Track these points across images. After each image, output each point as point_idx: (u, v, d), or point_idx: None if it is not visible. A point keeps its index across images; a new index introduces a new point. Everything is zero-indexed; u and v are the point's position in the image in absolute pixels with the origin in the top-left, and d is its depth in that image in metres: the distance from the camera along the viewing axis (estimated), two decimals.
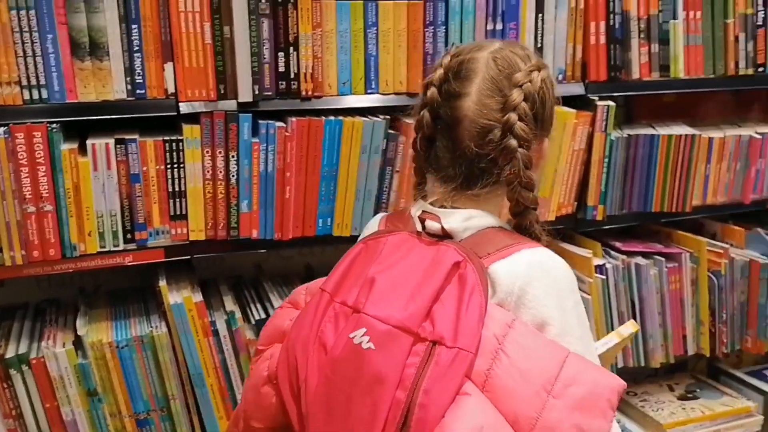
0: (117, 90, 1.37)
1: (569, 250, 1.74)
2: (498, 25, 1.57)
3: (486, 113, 0.98)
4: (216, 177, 1.44)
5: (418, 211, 1.04)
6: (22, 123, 1.31)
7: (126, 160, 1.39)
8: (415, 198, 1.09)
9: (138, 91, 1.38)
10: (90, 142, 1.37)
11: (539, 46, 1.61)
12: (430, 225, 1.00)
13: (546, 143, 1.06)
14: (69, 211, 1.37)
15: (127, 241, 1.43)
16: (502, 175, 0.99)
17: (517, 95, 0.97)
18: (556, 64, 1.62)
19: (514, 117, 0.97)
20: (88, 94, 1.36)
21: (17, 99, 1.32)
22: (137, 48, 1.36)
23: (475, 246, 0.97)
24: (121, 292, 1.65)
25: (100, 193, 1.39)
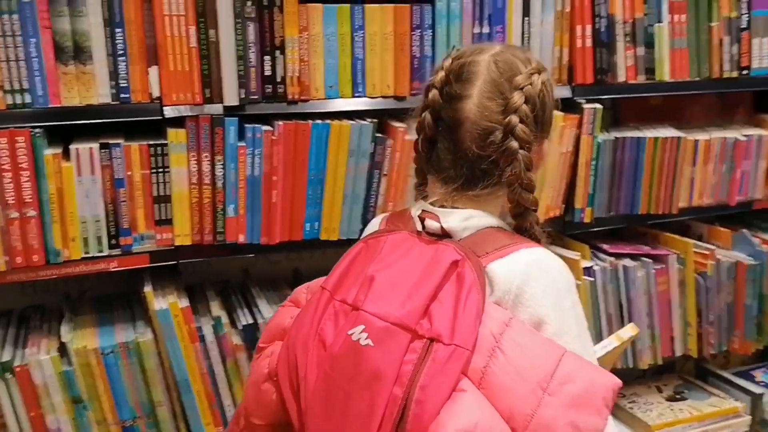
0: (101, 94, 1.36)
1: (557, 252, 1.73)
2: (485, 29, 1.58)
3: (487, 115, 0.99)
4: (202, 181, 1.43)
5: (418, 211, 1.05)
6: (5, 128, 1.30)
7: (110, 164, 1.38)
8: (416, 198, 1.10)
9: (122, 96, 1.37)
10: (74, 146, 1.36)
11: None
12: (429, 224, 1.02)
13: (545, 145, 1.08)
14: (53, 217, 1.36)
15: (112, 247, 1.42)
16: (503, 177, 1.00)
17: (518, 98, 0.99)
18: None
19: (515, 119, 0.98)
20: (72, 98, 1.35)
21: (0, 104, 1.31)
22: (121, 52, 1.35)
23: (474, 245, 0.98)
24: (107, 298, 1.64)
25: (84, 199, 1.38)
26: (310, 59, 1.47)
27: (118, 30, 1.35)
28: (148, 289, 1.46)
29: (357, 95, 1.52)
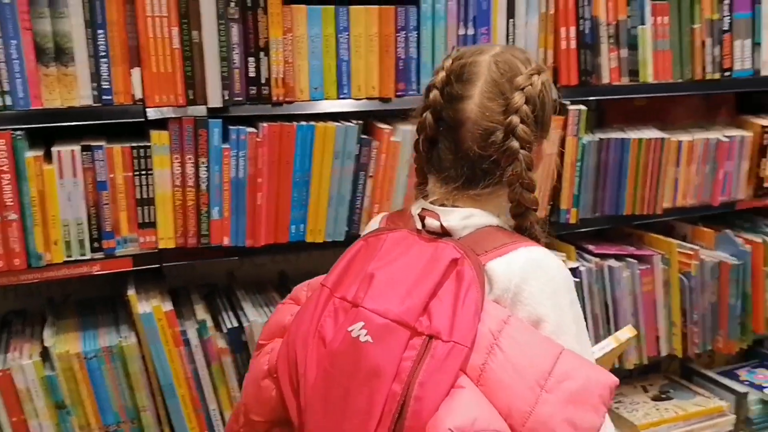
0: (83, 96, 1.35)
1: None
2: (470, 30, 1.58)
3: (488, 116, 1.00)
4: (185, 184, 1.42)
5: (418, 210, 1.05)
6: None
7: (92, 167, 1.37)
8: (416, 197, 1.11)
9: (104, 97, 1.36)
10: (55, 149, 1.35)
11: None
12: (429, 222, 1.02)
13: (545, 145, 1.09)
14: (34, 220, 1.34)
15: (95, 250, 1.40)
16: (503, 176, 1.01)
17: (519, 98, 1.00)
18: None
19: (516, 119, 0.99)
20: (53, 100, 1.33)
21: None
22: (103, 53, 1.34)
23: (474, 243, 0.99)
24: (90, 301, 1.62)
25: (66, 201, 1.36)
26: (294, 61, 1.46)
27: (100, 31, 1.33)
28: (131, 293, 1.45)
29: (342, 97, 1.51)
